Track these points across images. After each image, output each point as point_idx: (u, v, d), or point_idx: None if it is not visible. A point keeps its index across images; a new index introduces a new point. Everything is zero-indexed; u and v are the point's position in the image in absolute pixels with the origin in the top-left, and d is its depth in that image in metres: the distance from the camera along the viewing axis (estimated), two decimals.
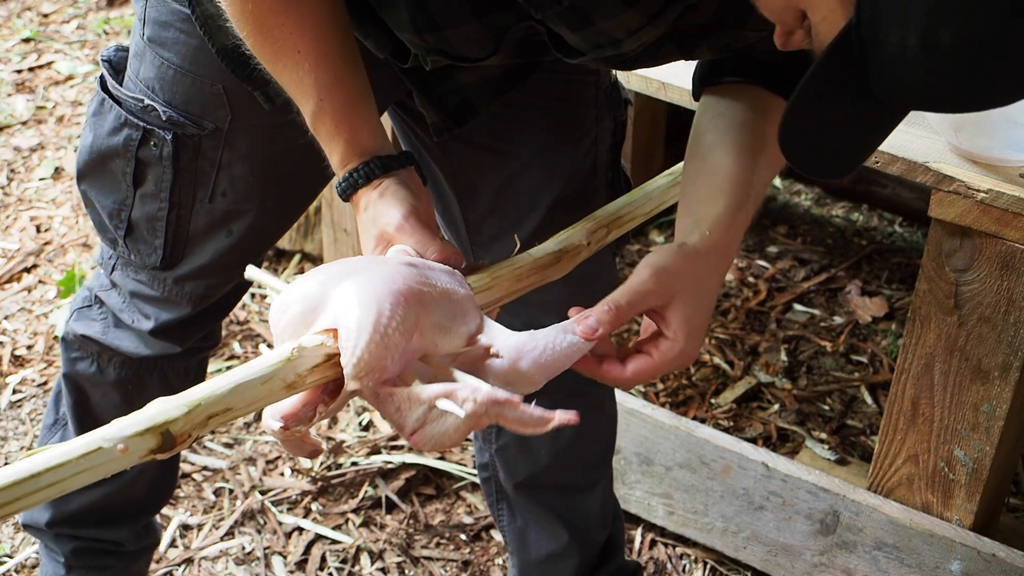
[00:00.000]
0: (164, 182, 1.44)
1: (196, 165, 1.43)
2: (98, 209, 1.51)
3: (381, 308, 1.01)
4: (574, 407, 1.69)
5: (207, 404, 0.94)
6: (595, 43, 1.18)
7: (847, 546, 1.98)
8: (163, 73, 1.40)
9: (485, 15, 1.20)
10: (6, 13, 3.92)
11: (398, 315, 1.01)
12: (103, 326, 1.62)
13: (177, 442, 0.92)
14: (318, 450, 1.10)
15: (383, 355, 1.00)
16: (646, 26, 1.14)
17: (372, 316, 1.00)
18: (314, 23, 1.18)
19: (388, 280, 1.04)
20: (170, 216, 1.46)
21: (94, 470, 0.88)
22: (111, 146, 1.44)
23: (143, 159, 1.43)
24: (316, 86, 1.19)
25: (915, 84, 0.90)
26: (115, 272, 1.57)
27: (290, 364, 0.99)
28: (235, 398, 0.96)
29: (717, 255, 1.20)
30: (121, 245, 1.51)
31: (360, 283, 1.03)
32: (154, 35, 1.39)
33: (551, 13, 1.15)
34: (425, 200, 1.23)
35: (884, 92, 0.93)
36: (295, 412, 1.04)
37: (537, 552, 1.83)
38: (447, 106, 1.40)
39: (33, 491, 0.86)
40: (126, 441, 0.89)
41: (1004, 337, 1.74)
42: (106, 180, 1.48)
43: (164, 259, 1.49)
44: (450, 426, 1.01)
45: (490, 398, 1.01)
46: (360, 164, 1.21)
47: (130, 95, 1.42)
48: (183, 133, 1.40)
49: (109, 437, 0.89)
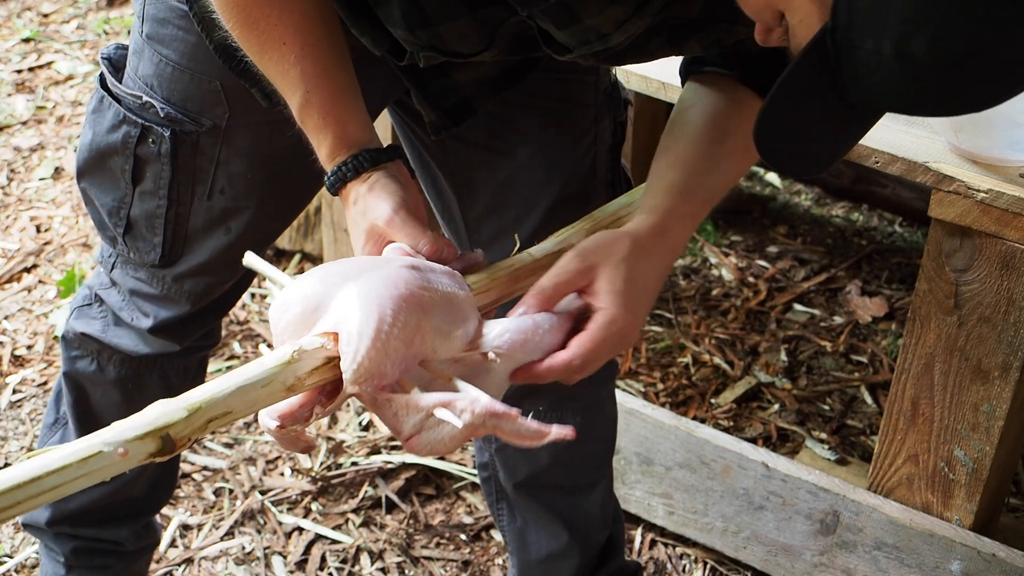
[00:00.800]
0: (163, 179, 1.44)
1: (194, 162, 1.43)
2: (98, 207, 1.51)
3: (383, 314, 1.00)
4: (573, 408, 1.70)
5: (207, 407, 0.94)
6: (582, 39, 1.19)
7: (847, 546, 1.98)
8: (161, 70, 1.40)
9: (478, 10, 1.20)
10: (6, 13, 3.92)
11: (399, 321, 1.01)
12: (103, 324, 1.62)
13: (177, 446, 0.92)
14: (311, 446, 1.11)
15: (383, 361, 1.00)
16: (632, 18, 1.15)
17: (374, 322, 1.00)
18: (300, 15, 1.18)
19: (390, 284, 1.04)
20: (168, 213, 1.46)
21: (94, 474, 0.88)
22: (110, 143, 1.45)
23: (141, 156, 1.43)
24: (302, 78, 1.19)
25: (888, 90, 0.91)
26: (115, 270, 1.57)
27: (290, 367, 0.99)
28: (235, 401, 0.96)
29: (652, 236, 1.21)
30: (120, 243, 1.51)
31: (362, 287, 1.03)
32: (153, 32, 1.39)
33: (538, 10, 1.15)
34: (414, 192, 1.23)
35: (857, 96, 0.94)
36: (292, 412, 1.04)
37: (537, 552, 1.83)
38: (444, 105, 1.40)
39: (34, 495, 0.86)
40: (126, 445, 0.89)
41: (1004, 337, 1.74)
42: (105, 178, 1.48)
43: (163, 257, 1.49)
44: (447, 434, 1.02)
45: (488, 410, 1.01)
46: (349, 157, 1.21)
47: (129, 92, 1.42)
48: (181, 130, 1.40)
49: (109, 441, 0.89)
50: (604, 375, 1.73)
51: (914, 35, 0.85)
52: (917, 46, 0.85)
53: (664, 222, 1.23)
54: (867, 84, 0.91)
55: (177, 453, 0.94)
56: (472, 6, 1.19)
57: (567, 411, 1.70)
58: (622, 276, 1.17)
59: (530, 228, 1.48)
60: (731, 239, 2.94)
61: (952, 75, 0.87)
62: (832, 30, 0.90)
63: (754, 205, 3.07)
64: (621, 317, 1.16)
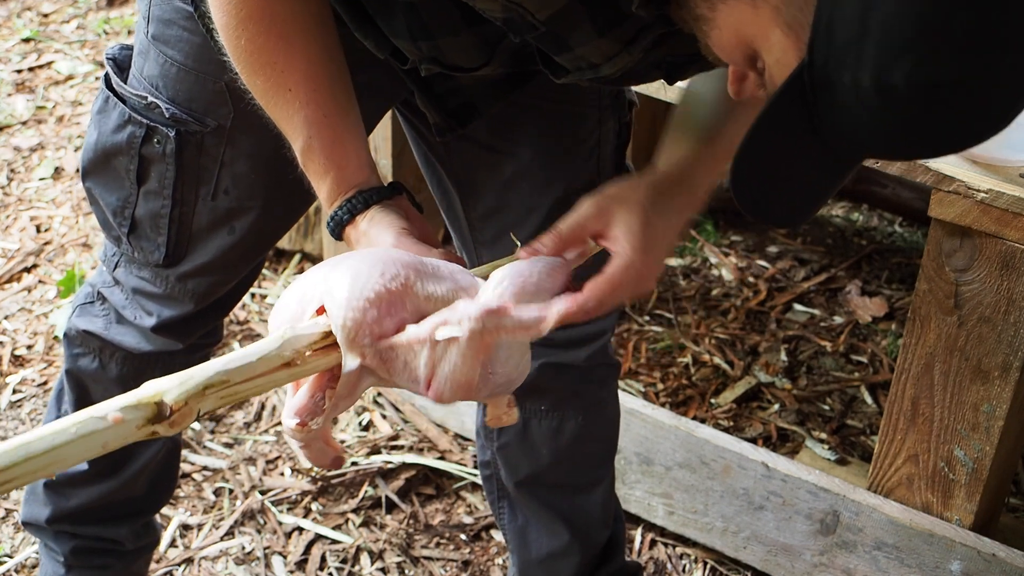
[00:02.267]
0: (167, 179, 1.44)
1: (199, 162, 1.43)
2: (102, 206, 1.52)
3: (367, 274, 1.02)
4: (575, 407, 1.70)
5: (201, 374, 0.94)
6: (576, 65, 1.20)
7: (847, 546, 1.98)
8: (166, 70, 1.40)
9: (475, 25, 1.20)
10: (6, 13, 3.92)
11: (385, 276, 1.02)
12: (105, 322, 1.62)
13: (174, 412, 0.92)
14: (340, 459, 1.11)
15: (369, 309, 1.00)
16: (621, 53, 1.15)
17: (358, 284, 1.01)
18: (306, 62, 1.20)
19: (374, 256, 1.05)
20: (173, 213, 1.47)
21: (90, 439, 0.88)
22: (115, 143, 1.45)
23: (146, 156, 1.44)
24: (305, 124, 1.21)
25: (866, 127, 0.87)
26: (118, 269, 1.58)
27: (286, 342, 0.99)
28: (232, 373, 0.96)
29: (670, 180, 1.22)
30: (125, 242, 1.52)
31: (346, 263, 1.05)
32: (158, 33, 1.40)
33: (530, 37, 1.16)
34: (419, 222, 1.24)
35: (834, 136, 0.90)
36: (305, 404, 1.04)
37: (538, 551, 1.83)
38: (449, 107, 1.41)
39: (29, 467, 0.86)
40: (120, 411, 0.89)
41: (1004, 337, 1.74)
42: (110, 177, 1.48)
43: (167, 256, 1.50)
44: (458, 358, 1.01)
45: (483, 310, 1.02)
46: (344, 201, 1.23)
47: (134, 92, 1.43)
48: (186, 130, 1.41)
49: (103, 408, 0.89)
50: (606, 375, 1.74)
51: (893, 65, 0.82)
52: (896, 76, 0.82)
53: (683, 166, 1.23)
54: (845, 121, 0.88)
55: (181, 426, 0.93)
56: (469, 21, 1.20)
57: (568, 410, 1.70)
58: (639, 220, 1.18)
59: (532, 229, 1.48)
60: (731, 239, 2.94)
61: (934, 106, 0.84)
62: (809, 66, 0.87)
63: None
64: (639, 260, 1.17)
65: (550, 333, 1.48)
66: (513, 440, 1.73)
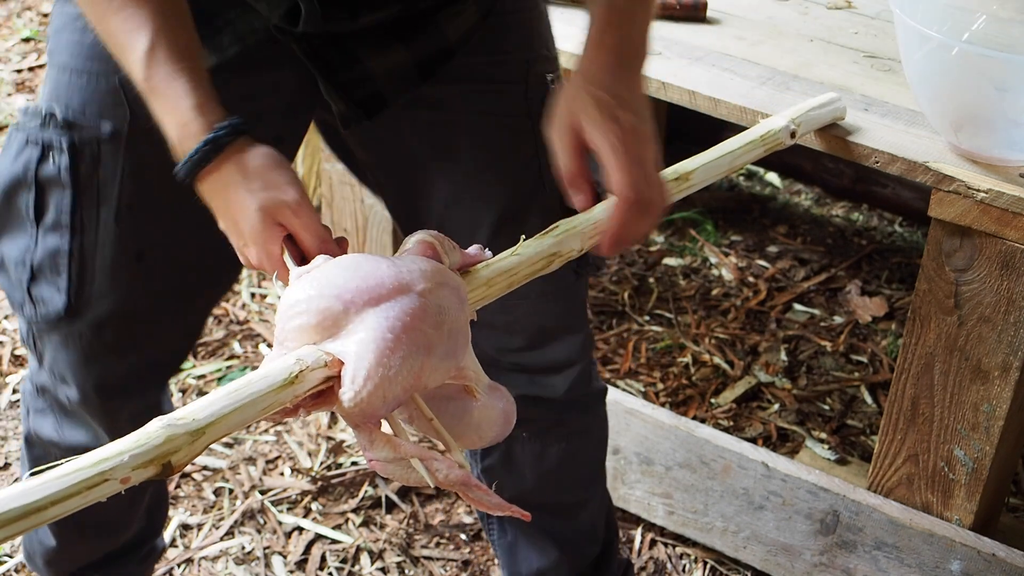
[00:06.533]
0: (64, 205, 1.34)
1: (97, 175, 1.33)
2: (9, 270, 1.40)
3: (392, 362, 1.02)
4: (559, 434, 1.68)
5: (211, 432, 0.95)
6: None
7: (847, 546, 1.98)
8: (60, 80, 1.34)
9: None
10: (6, 13, 3.92)
11: (405, 368, 1.03)
12: (55, 422, 1.54)
13: (175, 471, 0.93)
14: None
15: (380, 404, 1.03)
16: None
17: (382, 370, 1.02)
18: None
19: (407, 327, 1.04)
20: (72, 245, 1.35)
21: (92, 497, 0.88)
22: (14, 175, 1.36)
23: (43, 181, 1.34)
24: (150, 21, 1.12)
25: None
26: (36, 344, 1.46)
27: (291, 388, 1.00)
28: (235, 421, 0.97)
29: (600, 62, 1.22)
30: (28, 303, 1.39)
31: (380, 323, 1.03)
32: (52, 47, 1.36)
33: None
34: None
35: None
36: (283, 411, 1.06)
37: (528, 567, 1.81)
38: (356, 96, 1.36)
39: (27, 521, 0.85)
40: (131, 472, 0.90)
41: (1004, 337, 1.74)
42: (15, 224, 1.39)
43: (69, 303, 1.37)
44: (413, 477, 1.05)
45: (461, 480, 1.05)
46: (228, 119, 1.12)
47: (32, 113, 1.36)
48: (80, 138, 1.32)
49: (112, 467, 0.89)
50: (590, 402, 1.70)
51: None
52: None
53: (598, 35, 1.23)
54: None
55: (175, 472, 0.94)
56: None
57: (551, 438, 1.67)
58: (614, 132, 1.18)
59: (482, 242, 1.44)
60: (731, 239, 2.94)
61: None
62: None
63: (754, 205, 3.07)
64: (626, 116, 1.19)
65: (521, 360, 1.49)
66: (496, 463, 1.71)
